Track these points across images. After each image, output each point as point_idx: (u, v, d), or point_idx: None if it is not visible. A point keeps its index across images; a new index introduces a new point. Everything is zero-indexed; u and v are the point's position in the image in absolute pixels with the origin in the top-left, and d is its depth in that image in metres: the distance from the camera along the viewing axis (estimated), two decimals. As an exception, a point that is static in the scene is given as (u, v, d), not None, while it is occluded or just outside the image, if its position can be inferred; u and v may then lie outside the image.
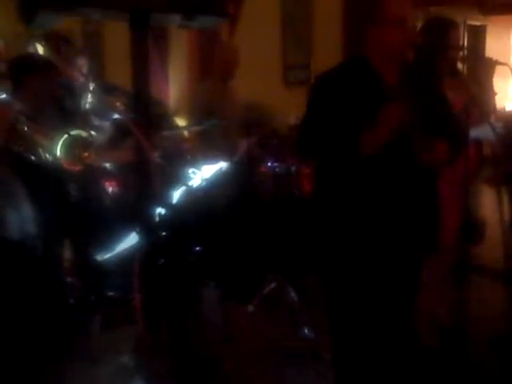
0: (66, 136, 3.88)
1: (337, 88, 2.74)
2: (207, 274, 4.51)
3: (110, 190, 4.26)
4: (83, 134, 4.05)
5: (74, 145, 3.95)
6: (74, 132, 3.96)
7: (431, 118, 2.76)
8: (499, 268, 3.80)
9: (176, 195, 3.62)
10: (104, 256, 3.86)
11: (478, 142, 3.43)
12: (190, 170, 3.73)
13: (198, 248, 4.20)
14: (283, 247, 4.50)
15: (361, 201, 2.76)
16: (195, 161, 3.95)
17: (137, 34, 2.73)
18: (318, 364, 3.69)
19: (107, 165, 4.24)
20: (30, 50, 4.68)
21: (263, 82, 8.41)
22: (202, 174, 3.73)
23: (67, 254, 4.39)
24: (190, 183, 3.64)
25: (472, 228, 3.60)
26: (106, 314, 4.18)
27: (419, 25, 3.69)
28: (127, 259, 3.64)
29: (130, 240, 3.71)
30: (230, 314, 4.36)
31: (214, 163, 3.92)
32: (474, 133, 3.18)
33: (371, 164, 2.68)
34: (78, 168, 3.90)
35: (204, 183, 3.72)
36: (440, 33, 3.46)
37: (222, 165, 3.93)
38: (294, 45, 9.33)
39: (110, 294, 4.06)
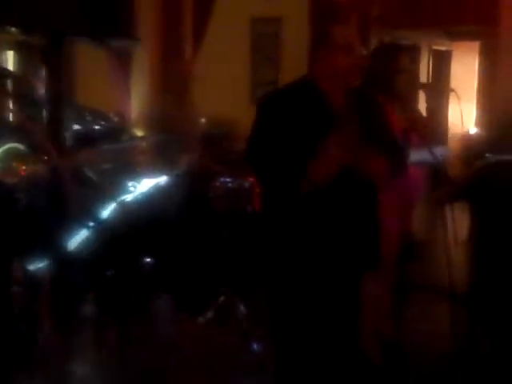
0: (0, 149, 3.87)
1: (283, 108, 2.79)
2: (159, 286, 4.53)
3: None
4: (20, 147, 4.03)
5: (11, 158, 3.93)
6: (9, 145, 3.93)
7: (374, 141, 2.83)
8: (444, 286, 3.88)
9: (108, 209, 3.66)
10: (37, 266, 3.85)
11: (426, 165, 3.52)
12: (130, 184, 3.77)
13: (149, 260, 4.22)
14: (235, 261, 4.54)
15: (302, 219, 2.80)
16: (136, 174, 3.99)
17: (52, 53, 2.83)
18: (264, 377, 3.73)
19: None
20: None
21: (231, 99, 8.51)
22: (141, 187, 3.78)
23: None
24: (126, 197, 3.68)
25: (409, 247, 3.68)
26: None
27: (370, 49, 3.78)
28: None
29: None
30: (180, 326, 4.38)
31: (155, 177, 3.97)
32: (415, 156, 3.26)
33: None
34: (15, 180, 3.88)
35: (140, 197, 3.76)
36: (388, 57, 3.55)
37: (161, 179, 3.97)
38: (262, 62, 9.48)
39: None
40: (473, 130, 9.79)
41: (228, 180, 4.48)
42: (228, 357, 3.99)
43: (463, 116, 9.24)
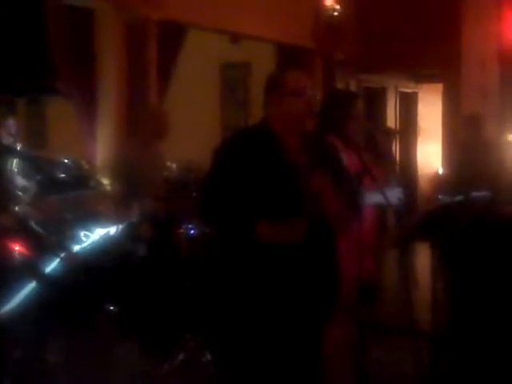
0: None
1: (237, 153, 2.86)
2: (125, 333, 4.49)
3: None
4: None
5: None
6: None
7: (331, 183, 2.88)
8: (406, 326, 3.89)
9: (53, 264, 3.66)
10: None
11: (380, 208, 3.57)
12: (82, 233, 3.78)
13: (112, 308, 4.20)
14: (200, 308, 4.52)
15: (260, 266, 2.82)
16: (93, 222, 4.00)
17: None
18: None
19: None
20: None
21: (201, 143, 8.57)
22: (93, 236, 3.79)
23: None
24: (74, 248, 3.69)
25: (370, 289, 3.71)
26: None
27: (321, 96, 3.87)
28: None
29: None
30: (146, 373, 4.34)
31: (108, 225, 3.98)
32: (370, 199, 3.32)
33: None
34: None
35: (90, 247, 3.77)
36: (342, 104, 3.63)
37: (112, 228, 3.99)
38: (231, 106, 9.61)
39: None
40: (440, 170, 9.96)
41: (191, 226, 4.49)
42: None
43: (431, 156, 9.33)
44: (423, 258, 6.99)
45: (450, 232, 3.64)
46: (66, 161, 5.67)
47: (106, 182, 5.64)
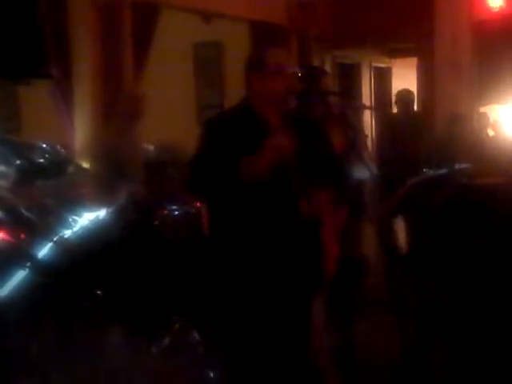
0: None
1: (223, 132, 2.90)
2: (111, 317, 4.48)
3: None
4: None
5: None
6: None
7: (316, 162, 2.91)
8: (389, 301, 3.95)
9: (45, 249, 3.64)
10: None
11: (358, 185, 3.61)
12: (70, 218, 3.76)
13: (98, 292, 4.18)
14: (186, 289, 4.53)
15: (247, 240, 2.88)
16: (78, 207, 3.98)
17: None
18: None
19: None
20: None
21: (177, 123, 8.54)
22: (82, 221, 3.77)
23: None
24: (64, 233, 3.67)
25: (357, 265, 3.76)
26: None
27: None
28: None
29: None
30: (133, 356, 4.34)
31: (97, 209, 3.96)
32: (354, 174, 3.35)
33: (257, 208, 2.84)
34: None
35: (80, 231, 3.76)
36: (312, 80, 3.63)
37: (101, 212, 3.97)
38: (205, 86, 9.58)
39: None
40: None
41: (175, 207, 4.49)
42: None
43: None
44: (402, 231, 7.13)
45: (431, 205, 3.69)
46: (44, 145, 5.60)
47: (85, 166, 5.59)
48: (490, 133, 6.99)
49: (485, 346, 3.90)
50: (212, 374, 4.02)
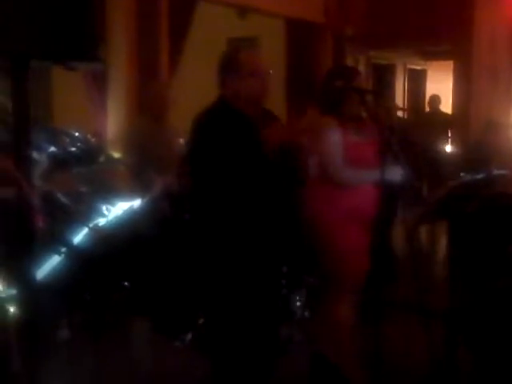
0: None
1: (212, 126, 3.07)
2: (137, 310, 4.49)
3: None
4: None
5: None
6: None
7: None
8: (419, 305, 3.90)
9: (80, 235, 3.66)
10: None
11: (392, 186, 3.55)
12: (104, 207, 3.77)
13: (126, 284, 4.20)
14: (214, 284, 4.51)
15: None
16: (112, 197, 3.99)
17: (16, 77, 2.89)
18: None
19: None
20: None
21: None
22: (116, 210, 3.78)
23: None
24: (99, 221, 3.69)
25: (388, 267, 3.71)
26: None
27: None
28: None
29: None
30: (158, 349, 4.35)
31: (130, 200, 3.96)
32: (388, 175, 3.30)
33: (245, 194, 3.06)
34: None
35: (114, 220, 3.77)
36: (341, 78, 3.60)
37: (134, 202, 3.98)
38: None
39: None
40: (449, 148, 9.92)
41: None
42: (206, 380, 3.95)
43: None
44: (434, 235, 7.06)
45: (467, 210, 3.63)
46: (76, 134, 5.64)
47: (116, 156, 5.60)
48: (526, 140, 6.86)
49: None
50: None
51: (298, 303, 4.67)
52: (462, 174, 3.82)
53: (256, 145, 3.04)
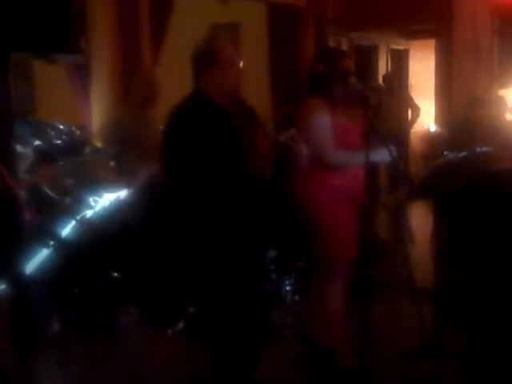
0: None
1: (189, 118, 3.10)
2: (127, 299, 4.51)
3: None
4: None
5: None
6: None
7: None
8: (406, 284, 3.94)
9: (68, 227, 3.67)
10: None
11: (374, 168, 3.58)
12: (91, 199, 3.78)
13: (115, 274, 4.21)
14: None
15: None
16: (98, 188, 3.99)
17: None
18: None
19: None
20: None
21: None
22: (102, 201, 3.78)
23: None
24: (86, 213, 3.69)
25: (374, 247, 3.74)
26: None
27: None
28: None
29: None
30: (149, 338, 4.38)
31: (116, 190, 3.97)
32: (373, 157, 3.33)
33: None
34: None
35: (101, 212, 3.77)
36: (328, 61, 3.62)
37: (121, 193, 3.99)
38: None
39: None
40: (432, 127, 9.94)
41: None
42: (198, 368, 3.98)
43: (423, 114, 9.32)
44: (417, 216, 7.11)
45: (450, 188, 3.67)
46: (60, 126, 5.62)
47: (101, 147, 5.59)
48: (509, 117, 6.91)
49: (502, 331, 3.90)
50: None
51: (289, 287, 4.71)
52: (445, 153, 3.85)
53: (232, 135, 3.08)
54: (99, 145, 5.71)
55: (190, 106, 3.16)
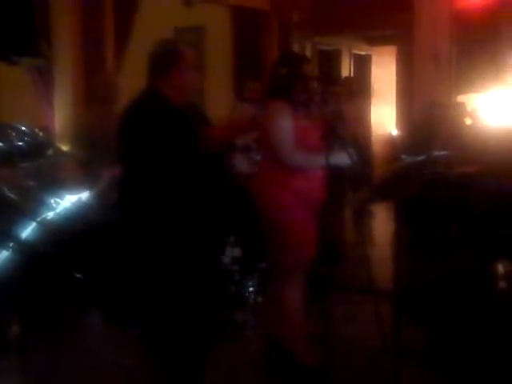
0: None
1: (145, 116, 3.13)
2: (90, 301, 4.50)
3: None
4: None
5: None
6: None
7: None
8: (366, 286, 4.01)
9: (29, 229, 3.65)
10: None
11: (341, 170, 3.65)
12: (52, 201, 3.77)
13: (78, 276, 4.20)
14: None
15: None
16: (59, 190, 3.98)
17: None
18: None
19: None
20: None
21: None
22: (64, 203, 3.78)
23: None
24: (47, 214, 3.68)
25: (334, 250, 3.80)
26: None
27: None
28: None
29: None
30: (111, 339, 4.37)
31: (78, 192, 3.96)
32: (333, 160, 3.39)
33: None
34: None
35: (63, 213, 3.76)
36: (290, 65, 3.69)
37: (82, 195, 3.98)
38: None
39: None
40: (394, 131, 10.11)
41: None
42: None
43: (385, 118, 9.47)
44: (379, 218, 7.22)
45: (408, 191, 3.74)
46: (22, 128, 5.57)
47: (64, 149, 5.56)
48: (468, 122, 7.06)
49: (461, 329, 3.99)
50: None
51: (251, 288, 4.75)
52: (403, 157, 3.93)
53: (189, 134, 3.12)
54: (62, 146, 5.68)
55: (147, 105, 3.19)
